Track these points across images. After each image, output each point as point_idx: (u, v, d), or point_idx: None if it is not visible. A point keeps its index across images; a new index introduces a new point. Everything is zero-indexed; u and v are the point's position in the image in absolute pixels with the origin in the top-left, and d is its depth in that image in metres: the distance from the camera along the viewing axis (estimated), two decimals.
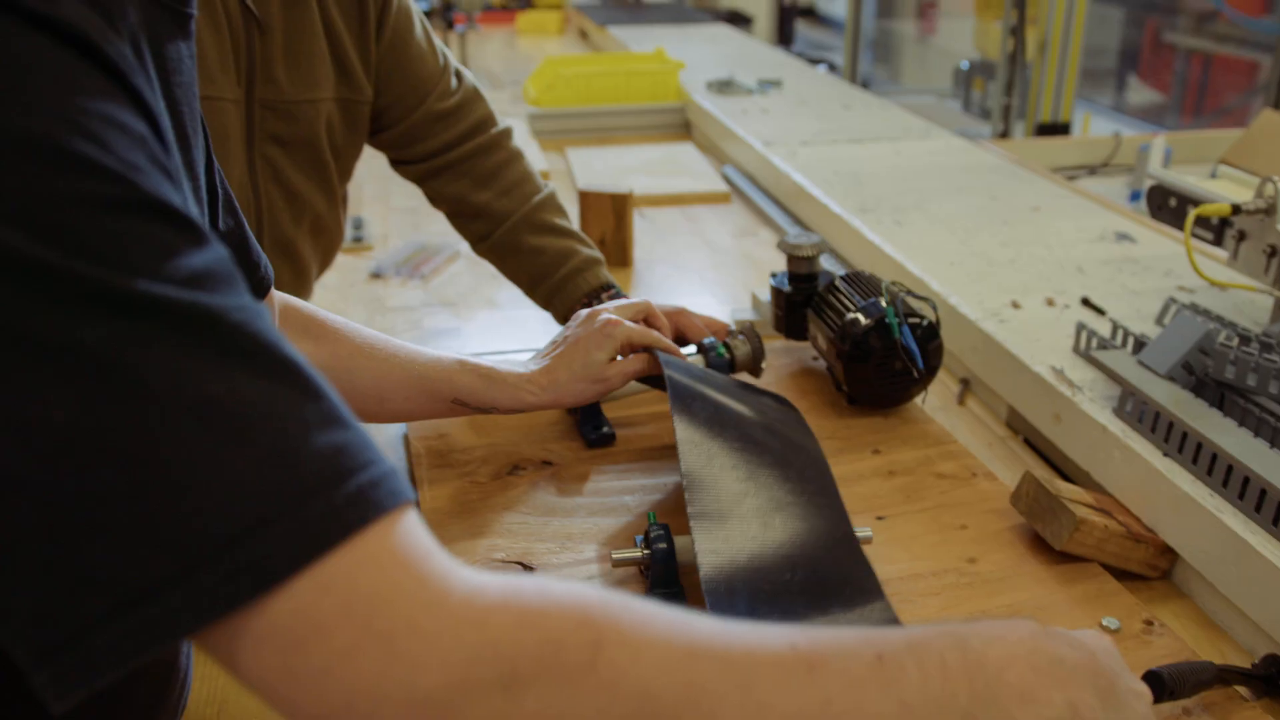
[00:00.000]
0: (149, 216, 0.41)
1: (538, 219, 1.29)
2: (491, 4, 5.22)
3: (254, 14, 1.10)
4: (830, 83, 2.81)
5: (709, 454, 0.88)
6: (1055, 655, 0.52)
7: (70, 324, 0.38)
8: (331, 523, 0.40)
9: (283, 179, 1.18)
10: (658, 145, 2.42)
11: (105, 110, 0.41)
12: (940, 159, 1.96)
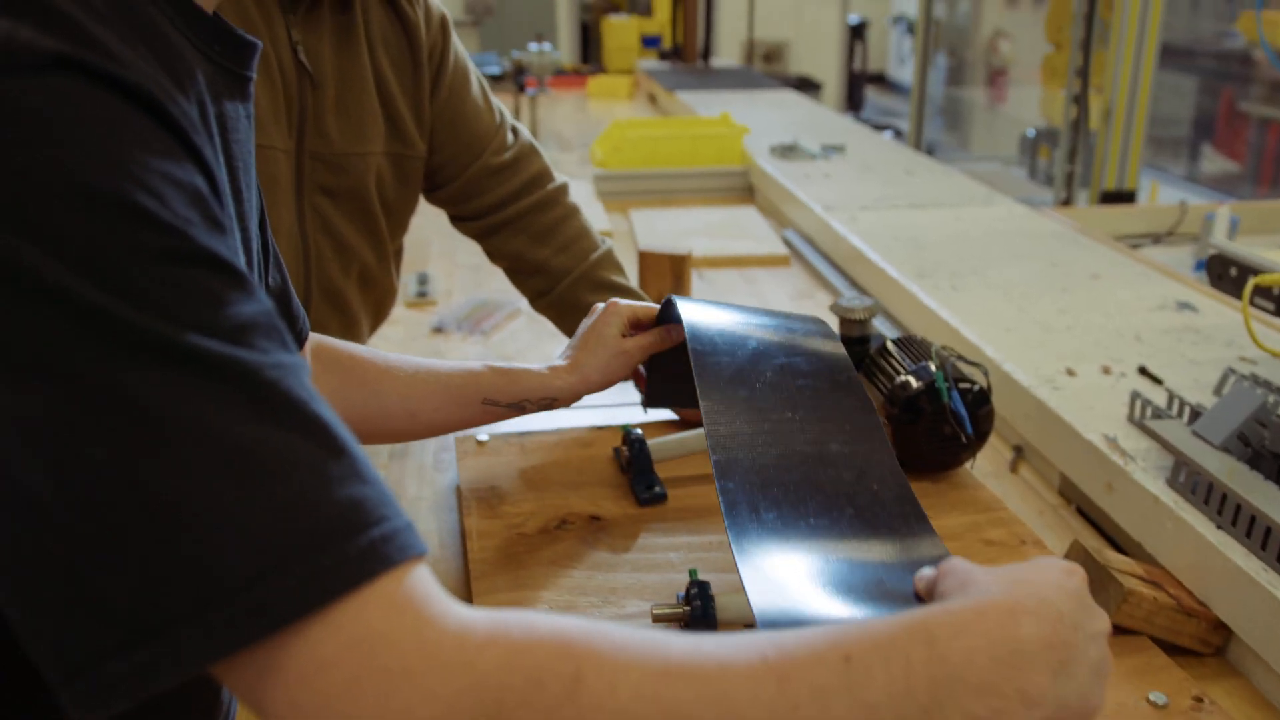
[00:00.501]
0: (201, 268, 0.44)
1: (596, 276, 1.32)
2: (564, 68, 5.35)
3: (307, 68, 1.15)
4: (894, 149, 2.83)
5: (734, 426, 0.84)
6: (1016, 642, 0.54)
7: (115, 367, 0.41)
8: (342, 572, 0.43)
9: (331, 229, 1.22)
10: (720, 208, 2.45)
11: (165, 167, 0.45)
12: (1001, 225, 1.96)
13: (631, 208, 2.45)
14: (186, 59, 0.53)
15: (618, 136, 2.72)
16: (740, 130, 2.76)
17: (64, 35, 0.43)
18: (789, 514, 0.76)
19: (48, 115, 0.42)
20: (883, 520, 0.76)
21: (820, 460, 0.82)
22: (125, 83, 0.44)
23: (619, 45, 5.25)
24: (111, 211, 0.42)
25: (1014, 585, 0.59)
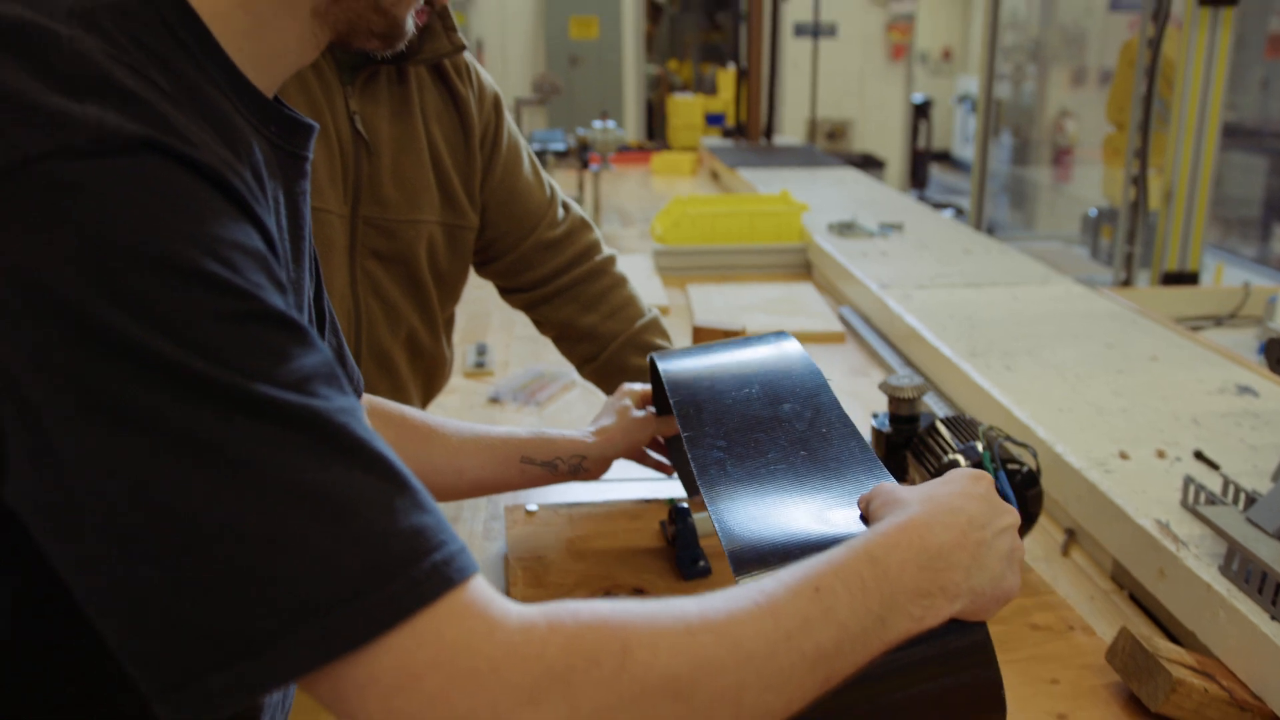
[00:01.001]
0: (268, 326, 0.50)
1: (642, 340, 1.36)
2: (628, 145, 5.46)
3: (363, 137, 1.21)
4: (952, 227, 2.83)
5: (700, 413, 0.95)
6: (936, 548, 0.66)
7: (200, 418, 0.47)
8: (414, 591, 0.49)
9: (381, 292, 1.26)
10: (778, 284, 2.47)
11: (234, 235, 0.50)
12: (1057, 305, 1.95)
13: (690, 283, 2.48)
14: (247, 138, 0.58)
15: (678, 212, 2.77)
16: (799, 207, 2.79)
17: (145, 120, 0.49)
18: (751, 465, 0.88)
19: (135, 193, 0.47)
20: (831, 455, 0.88)
21: (775, 419, 0.94)
22: (199, 163, 0.50)
23: (683, 123, 5.34)
24: (190, 279, 0.47)
25: (928, 500, 0.70)
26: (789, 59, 7.87)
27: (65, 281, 0.45)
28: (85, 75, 0.49)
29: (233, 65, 0.59)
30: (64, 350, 0.46)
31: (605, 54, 8.06)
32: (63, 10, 0.51)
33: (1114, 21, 6.30)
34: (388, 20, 0.66)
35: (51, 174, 0.46)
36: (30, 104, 0.47)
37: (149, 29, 0.54)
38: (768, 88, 5.05)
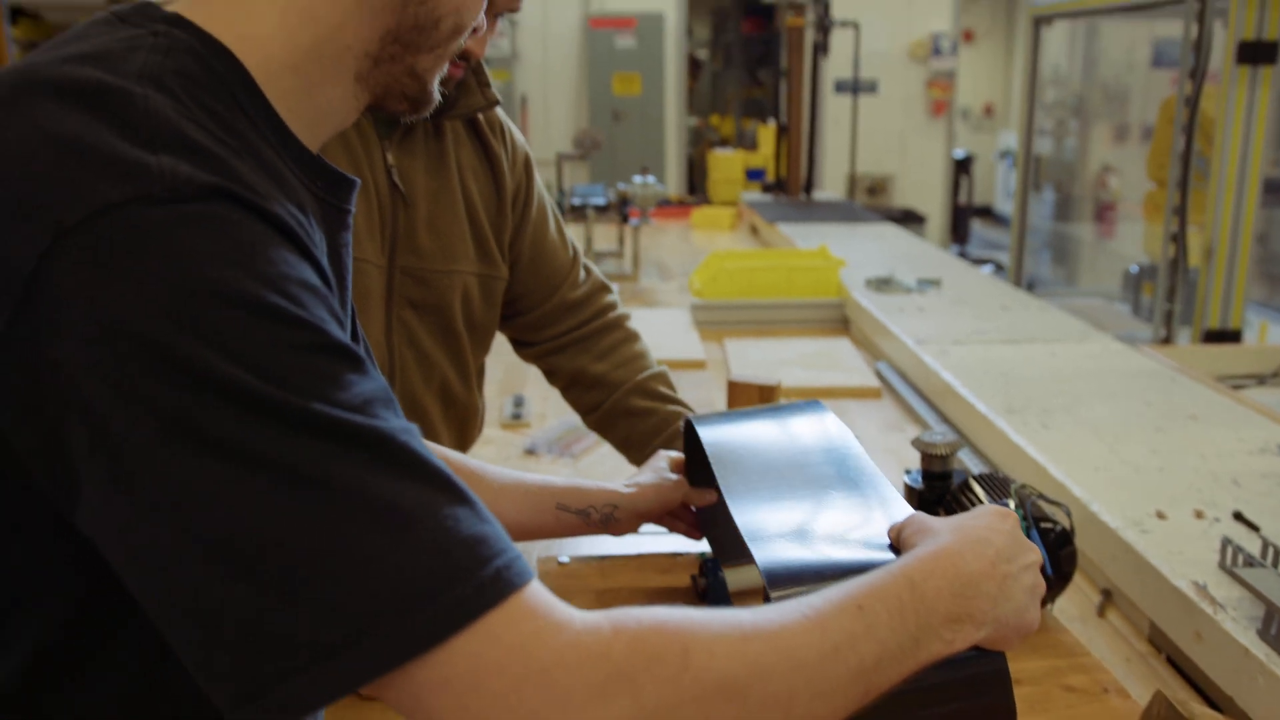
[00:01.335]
0: (332, 356, 0.54)
1: (649, 387, 1.39)
2: (669, 199, 5.51)
3: (400, 189, 1.24)
4: (990, 283, 2.83)
5: (738, 462, 1.00)
6: (967, 576, 0.69)
7: (278, 442, 0.50)
8: (480, 594, 0.52)
9: (416, 341, 1.29)
10: (814, 339, 2.48)
11: (298, 274, 0.54)
12: (1095, 363, 1.94)
13: (727, 337, 2.50)
14: (297, 192, 0.62)
15: (716, 267, 2.79)
16: (836, 263, 2.80)
17: (215, 171, 0.53)
18: (783, 504, 0.93)
19: (208, 235, 0.51)
20: (859, 495, 0.92)
21: (805, 465, 1.00)
22: (264, 210, 0.54)
23: (724, 178, 5.40)
24: (261, 313, 0.51)
25: (959, 531, 0.74)
26: (830, 115, 7.94)
27: (144, 316, 0.49)
28: (159, 131, 0.53)
29: (283, 124, 0.63)
30: (144, 380, 0.49)
31: (647, 109, 8.17)
32: (133, 73, 0.56)
33: (1156, 78, 6.29)
34: (420, 85, 0.70)
35: (131, 219, 0.50)
36: (111, 156, 0.51)
37: (209, 90, 0.58)
38: (807, 143, 5.09)
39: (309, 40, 0.64)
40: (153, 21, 0.60)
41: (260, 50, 0.62)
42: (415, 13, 0.67)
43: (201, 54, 0.59)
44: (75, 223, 0.50)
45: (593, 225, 3.36)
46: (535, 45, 8.23)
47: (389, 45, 0.67)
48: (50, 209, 0.50)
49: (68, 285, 0.49)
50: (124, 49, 0.57)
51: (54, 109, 0.53)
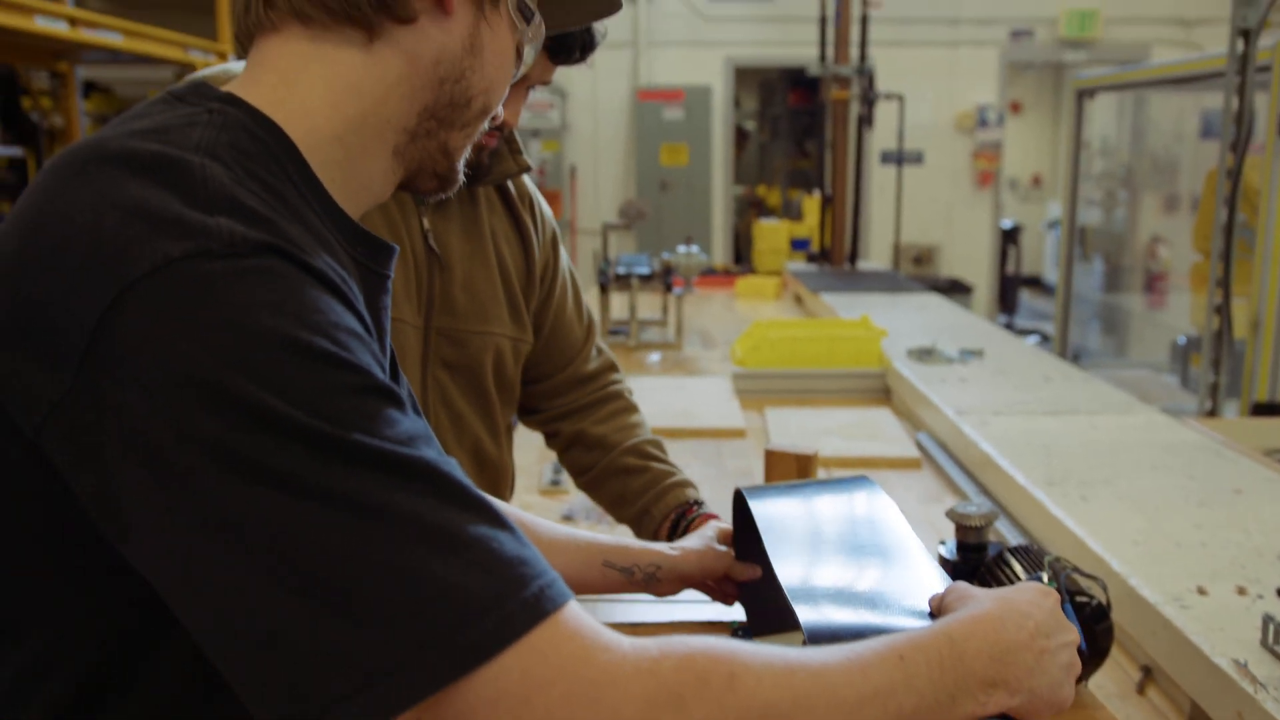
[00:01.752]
0: (379, 397, 0.58)
1: (643, 449, 1.44)
2: (714, 268, 5.56)
3: (436, 252, 1.30)
4: (1033, 354, 2.82)
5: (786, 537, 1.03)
6: (1006, 644, 0.73)
7: (334, 473, 0.54)
8: (527, 611, 0.55)
9: (449, 401, 1.34)
10: (855, 409, 2.48)
11: (347, 324, 0.59)
12: (1138, 435, 1.92)
13: (768, 406, 2.50)
14: (338, 253, 0.67)
15: (758, 336, 2.81)
16: (878, 333, 2.80)
17: (266, 230, 0.59)
18: (828, 567, 0.96)
19: (262, 287, 0.56)
20: (902, 566, 0.95)
21: (851, 536, 1.03)
22: (311, 266, 0.59)
23: (769, 247, 5.44)
24: (314, 357, 0.56)
25: (1001, 600, 0.77)
26: (875, 185, 7.98)
27: (205, 361, 0.53)
28: (216, 195, 0.58)
29: (326, 193, 0.68)
30: (207, 421, 0.53)
31: (694, 180, 8.28)
32: (191, 145, 0.61)
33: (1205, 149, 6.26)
34: (449, 163, 0.76)
35: (192, 272, 0.55)
36: (173, 217, 0.56)
37: (259, 161, 0.64)
38: (852, 214, 5.12)
39: (354, 113, 0.69)
40: (208, 100, 0.66)
41: (307, 123, 0.68)
42: (451, 91, 0.72)
43: (252, 129, 0.65)
44: (139, 276, 0.54)
45: (637, 294, 3.40)
46: (585, 117, 8.40)
47: (426, 121, 0.72)
48: (115, 265, 0.55)
49: (132, 334, 0.54)
50: (183, 124, 0.63)
51: (120, 177, 0.58)
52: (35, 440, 0.55)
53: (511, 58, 0.76)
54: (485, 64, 0.74)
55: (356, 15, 0.68)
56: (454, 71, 0.72)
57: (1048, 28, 8.33)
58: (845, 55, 5.11)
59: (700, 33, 8.32)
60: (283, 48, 0.69)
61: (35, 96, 6.07)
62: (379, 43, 0.69)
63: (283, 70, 0.69)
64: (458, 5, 0.71)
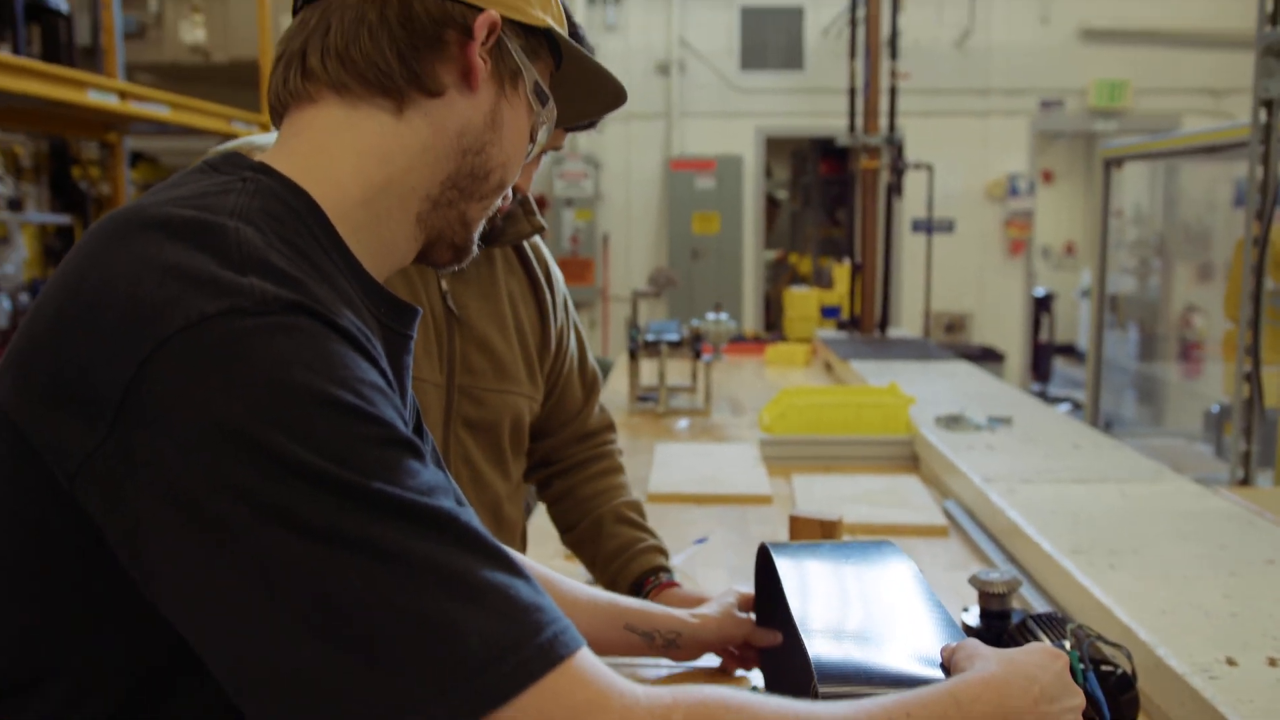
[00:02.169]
0: (401, 448, 0.61)
1: (622, 513, 1.51)
2: (744, 336, 5.58)
3: (455, 313, 1.33)
4: (1063, 422, 2.80)
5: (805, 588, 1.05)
6: (1010, 708, 0.75)
7: (360, 521, 0.56)
8: (542, 655, 0.58)
9: (470, 460, 1.37)
10: (883, 476, 2.47)
11: (371, 379, 0.62)
12: (1168, 503, 1.90)
13: (795, 473, 2.50)
14: (362, 313, 0.71)
15: (785, 403, 2.82)
16: (906, 400, 2.80)
17: (295, 290, 0.62)
18: (843, 614, 0.98)
19: (291, 343, 0.59)
20: (915, 616, 0.97)
21: (872, 592, 1.05)
22: (337, 325, 0.63)
23: (799, 315, 5.46)
24: (340, 410, 0.59)
25: (1008, 663, 0.78)
26: (906, 253, 8.01)
27: (237, 412, 0.56)
28: (248, 257, 0.62)
29: (353, 257, 0.72)
30: (238, 469, 0.56)
31: (726, 248, 8.34)
32: (226, 211, 0.65)
33: (1238, 217, 6.24)
34: (466, 234, 0.80)
35: (225, 328, 0.58)
36: (207, 277, 0.60)
37: (289, 226, 0.68)
38: (882, 282, 5.14)
39: (381, 179, 0.74)
40: (241, 169, 0.71)
41: (337, 190, 0.72)
42: (472, 162, 0.77)
43: (283, 195, 0.69)
44: (174, 332, 0.57)
45: (666, 360, 3.42)
46: (618, 186, 8.52)
47: (448, 190, 0.77)
48: (152, 322, 0.58)
49: (166, 387, 0.57)
50: (218, 192, 0.67)
51: (158, 241, 0.62)
52: (70, 490, 0.58)
53: (527, 136, 0.82)
54: (504, 139, 0.79)
55: (390, 87, 0.73)
56: (476, 144, 0.77)
57: (1078, 98, 8.39)
58: (874, 125, 5.17)
59: (731, 104, 8.45)
60: (316, 116, 0.74)
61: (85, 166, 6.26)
62: (408, 113, 0.74)
63: (315, 139, 0.73)
64: (482, 83, 0.76)
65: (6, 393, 0.61)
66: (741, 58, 8.42)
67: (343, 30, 0.74)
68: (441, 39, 0.74)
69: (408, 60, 0.74)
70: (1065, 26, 8.29)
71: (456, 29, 0.75)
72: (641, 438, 3.01)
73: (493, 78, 0.78)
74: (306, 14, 0.76)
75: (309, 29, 0.75)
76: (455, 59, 0.75)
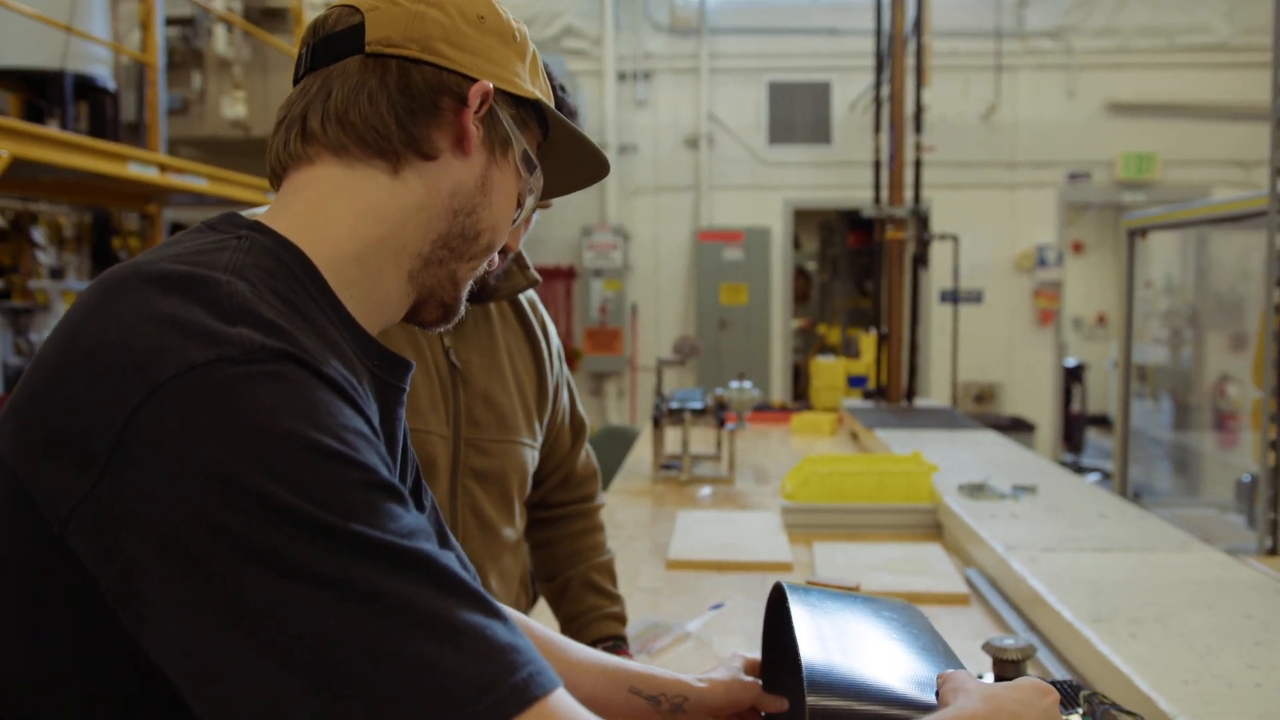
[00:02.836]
0: (382, 492, 0.62)
1: (590, 578, 1.59)
2: (770, 404, 5.58)
3: (458, 367, 1.38)
4: (1089, 491, 2.77)
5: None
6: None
7: (340, 563, 0.58)
8: (519, 694, 0.59)
9: (478, 509, 1.40)
10: (905, 545, 2.45)
11: (354, 425, 0.64)
12: (1193, 573, 1.88)
13: (816, 540, 2.49)
14: (353, 363, 0.73)
15: (807, 471, 2.81)
16: (929, 468, 2.79)
17: (283, 340, 0.64)
18: (847, 640, 0.97)
19: (277, 390, 0.61)
20: (919, 648, 0.97)
21: (876, 619, 1.05)
22: (323, 373, 0.65)
23: (826, 384, 5.46)
24: (323, 455, 0.60)
25: (991, 699, 0.78)
26: (935, 323, 8.00)
27: (223, 455, 0.58)
28: (237, 309, 0.65)
29: (345, 310, 0.75)
30: (224, 511, 0.58)
31: (754, 318, 8.37)
32: (219, 266, 0.68)
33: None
34: (455, 293, 0.83)
35: (214, 375, 0.60)
36: (198, 327, 0.62)
37: (281, 280, 0.71)
38: (908, 351, 5.14)
39: (374, 236, 0.77)
40: (237, 228, 0.74)
41: (330, 246, 0.75)
42: (463, 224, 0.80)
43: (276, 252, 0.72)
44: (166, 379, 0.60)
45: (689, 428, 3.43)
46: (647, 257, 8.60)
47: (439, 249, 0.80)
48: (145, 370, 0.60)
49: (157, 432, 0.59)
50: (214, 249, 0.70)
51: (153, 294, 0.65)
52: (61, 535, 0.60)
53: (514, 201, 0.85)
54: (494, 203, 0.82)
55: (387, 149, 0.77)
56: (467, 205, 0.80)
57: (1106, 170, 8.41)
58: (899, 197, 5.21)
59: (760, 176, 8.54)
60: (315, 177, 0.78)
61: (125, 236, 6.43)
62: (404, 174, 0.78)
63: (313, 198, 0.77)
64: (475, 148, 0.80)
65: (6, 441, 0.64)
66: (770, 132, 8.53)
67: (344, 95, 0.77)
68: (437, 105, 0.78)
69: (405, 124, 0.77)
70: (1091, 100, 8.35)
71: (452, 96, 0.79)
72: (664, 505, 3.01)
73: (484, 144, 0.81)
74: (308, 82, 0.80)
75: (309, 95, 0.79)
76: (450, 124, 0.79)
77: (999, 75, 8.29)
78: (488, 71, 0.81)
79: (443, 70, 0.79)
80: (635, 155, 8.58)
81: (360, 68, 0.78)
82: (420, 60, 0.78)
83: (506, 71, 0.83)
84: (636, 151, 8.58)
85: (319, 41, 0.80)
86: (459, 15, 0.81)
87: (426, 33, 0.79)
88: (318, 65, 0.80)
